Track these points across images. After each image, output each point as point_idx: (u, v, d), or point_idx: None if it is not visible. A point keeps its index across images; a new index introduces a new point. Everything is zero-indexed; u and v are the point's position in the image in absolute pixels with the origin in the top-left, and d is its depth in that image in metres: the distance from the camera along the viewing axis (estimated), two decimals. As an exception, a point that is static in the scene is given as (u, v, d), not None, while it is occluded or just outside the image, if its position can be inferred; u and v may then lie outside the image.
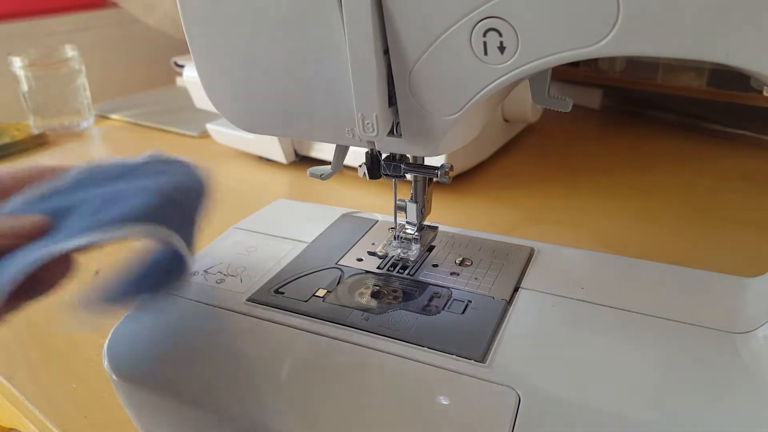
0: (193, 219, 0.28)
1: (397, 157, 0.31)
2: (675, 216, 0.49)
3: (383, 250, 0.34)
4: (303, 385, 0.25)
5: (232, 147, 0.66)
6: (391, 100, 0.26)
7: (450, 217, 0.50)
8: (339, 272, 0.33)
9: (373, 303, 0.30)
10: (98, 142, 0.76)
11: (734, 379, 0.24)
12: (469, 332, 0.27)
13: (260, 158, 0.64)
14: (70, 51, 0.77)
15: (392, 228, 0.36)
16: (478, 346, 0.26)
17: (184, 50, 0.43)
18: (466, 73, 0.23)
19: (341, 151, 0.32)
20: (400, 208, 0.34)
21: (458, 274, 0.32)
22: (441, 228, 0.36)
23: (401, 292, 0.31)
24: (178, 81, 0.97)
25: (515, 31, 0.22)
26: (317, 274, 0.33)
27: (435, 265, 0.33)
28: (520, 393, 0.24)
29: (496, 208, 0.51)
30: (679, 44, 0.20)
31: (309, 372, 0.26)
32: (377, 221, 0.38)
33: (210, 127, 0.66)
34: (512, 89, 0.28)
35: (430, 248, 0.35)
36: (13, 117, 0.80)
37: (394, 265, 0.33)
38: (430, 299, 0.30)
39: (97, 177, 0.26)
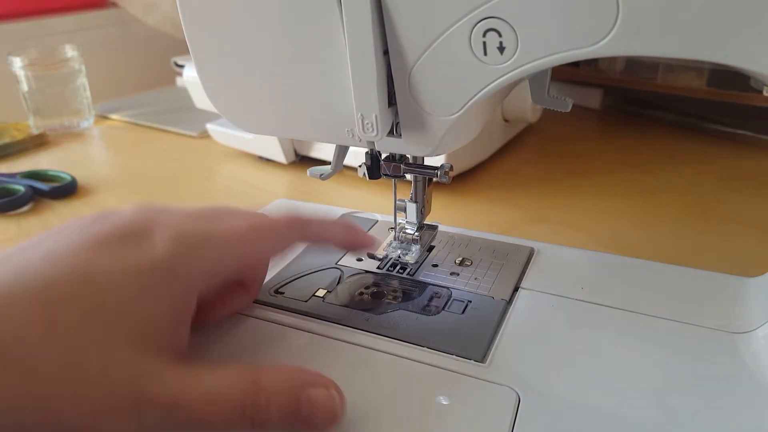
0: None
1: (397, 157, 0.31)
2: (675, 216, 0.49)
3: (383, 251, 0.34)
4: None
5: (232, 147, 0.66)
6: (391, 100, 0.26)
7: (450, 217, 0.50)
8: (339, 272, 0.33)
9: (373, 303, 0.30)
10: (98, 142, 0.76)
11: (734, 379, 0.24)
12: (469, 332, 0.27)
13: (260, 158, 0.64)
14: (70, 51, 0.77)
15: (392, 228, 0.36)
16: (478, 346, 0.26)
17: (184, 50, 0.43)
18: (466, 74, 0.23)
19: (341, 151, 0.32)
20: (400, 208, 0.34)
21: (458, 274, 0.32)
22: (441, 228, 0.36)
23: (401, 292, 0.31)
24: (178, 81, 0.96)
25: (515, 31, 0.22)
26: (317, 274, 0.33)
27: (435, 265, 0.33)
28: (520, 393, 0.24)
29: (496, 208, 0.51)
30: (679, 44, 0.20)
31: (309, 372, 0.26)
32: (377, 221, 0.38)
33: (210, 127, 0.66)
34: (512, 89, 0.28)
35: (430, 248, 0.35)
36: (13, 117, 0.80)
37: (393, 265, 0.33)
38: (430, 299, 0.30)
39: None
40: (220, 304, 0.29)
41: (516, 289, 0.31)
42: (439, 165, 0.31)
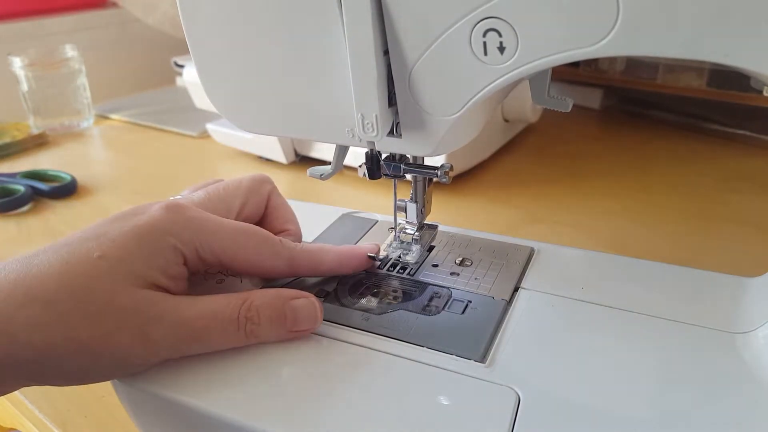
0: None
1: (397, 157, 0.31)
2: (675, 216, 0.49)
3: (383, 251, 0.34)
4: (303, 386, 0.25)
5: (232, 147, 0.66)
6: (391, 100, 0.26)
7: (450, 217, 0.50)
8: (339, 272, 0.33)
9: (373, 303, 0.30)
10: (98, 142, 0.76)
11: (734, 379, 0.24)
12: (469, 332, 0.27)
13: (260, 158, 0.64)
14: (70, 51, 0.77)
15: (392, 228, 0.36)
16: (478, 346, 0.26)
17: (184, 50, 0.43)
18: (466, 73, 0.23)
19: (341, 151, 0.32)
20: (400, 208, 0.34)
21: (458, 274, 0.32)
22: (441, 228, 0.36)
23: (401, 292, 0.31)
24: (178, 81, 0.97)
25: (515, 31, 0.22)
26: (317, 274, 0.33)
27: (435, 265, 0.33)
28: (520, 393, 0.24)
29: (495, 208, 0.51)
30: (679, 44, 0.20)
31: (309, 372, 0.26)
32: (377, 221, 0.38)
33: (210, 127, 0.66)
34: (512, 89, 0.28)
35: (430, 248, 0.35)
36: (13, 117, 0.80)
37: (394, 265, 0.33)
38: (430, 299, 0.30)
39: None
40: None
41: (516, 289, 0.31)
42: (439, 165, 0.31)
